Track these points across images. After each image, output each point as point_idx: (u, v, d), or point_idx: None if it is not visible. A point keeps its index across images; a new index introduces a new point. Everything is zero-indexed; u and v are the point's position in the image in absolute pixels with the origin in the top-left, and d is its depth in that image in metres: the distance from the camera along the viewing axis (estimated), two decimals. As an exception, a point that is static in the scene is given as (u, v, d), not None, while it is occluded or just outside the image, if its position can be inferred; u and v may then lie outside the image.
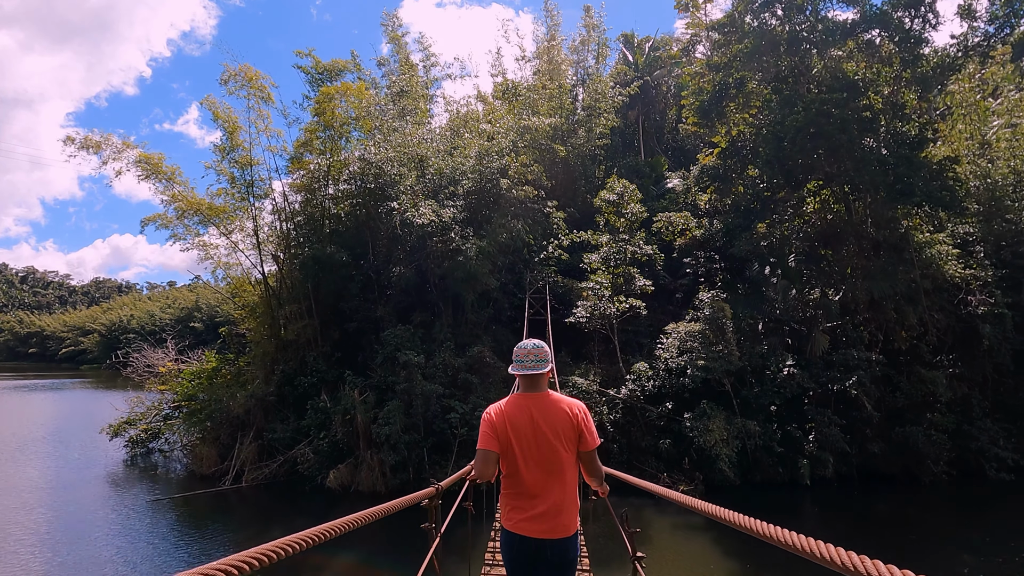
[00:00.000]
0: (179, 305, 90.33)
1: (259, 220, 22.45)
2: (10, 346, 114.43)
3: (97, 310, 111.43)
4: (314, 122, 21.14)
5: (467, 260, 18.67)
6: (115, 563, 12.34)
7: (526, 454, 3.15)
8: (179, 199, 20.62)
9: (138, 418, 22.87)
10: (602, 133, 29.57)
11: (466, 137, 22.56)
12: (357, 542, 13.31)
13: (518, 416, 3.18)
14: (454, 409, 17.61)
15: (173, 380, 23.57)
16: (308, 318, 20.91)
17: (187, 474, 20.12)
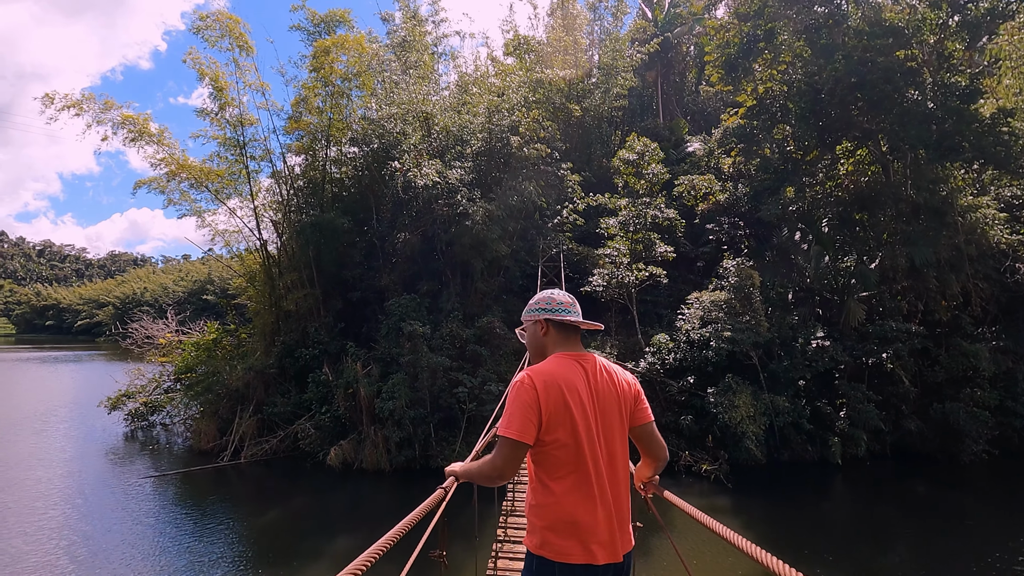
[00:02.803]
0: (192, 278, 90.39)
1: (256, 184, 21.31)
2: (27, 319, 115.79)
3: (112, 283, 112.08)
4: (312, 78, 19.82)
5: (474, 224, 17.47)
6: (108, 541, 11.59)
7: (590, 436, 2.27)
8: (169, 162, 19.45)
9: (137, 391, 22.17)
10: (619, 94, 28.00)
11: (475, 93, 21.14)
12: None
13: (576, 382, 2.30)
14: (462, 383, 16.61)
15: (174, 352, 22.82)
16: (309, 287, 19.90)
17: (187, 449, 19.41)
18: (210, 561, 10.73)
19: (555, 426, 2.22)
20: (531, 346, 2.55)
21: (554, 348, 2.45)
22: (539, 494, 2.29)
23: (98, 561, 10.61)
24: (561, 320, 2.44)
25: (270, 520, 13.55)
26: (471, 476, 2.56)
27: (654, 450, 2.57)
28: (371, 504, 14.43)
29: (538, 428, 2.21)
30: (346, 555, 9.64)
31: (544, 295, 2.53)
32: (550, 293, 2.54)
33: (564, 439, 2.22)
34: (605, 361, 2.47)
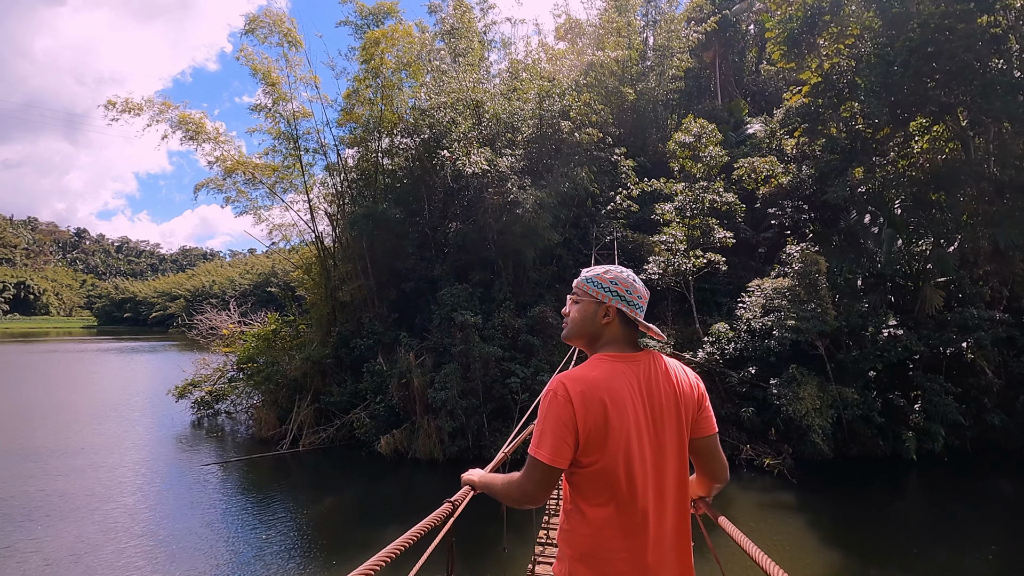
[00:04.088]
0: (256, 271, 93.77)
1: (311, 177, 21.69)
2: (107, 311, 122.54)
3: (183, 277, 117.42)
4: (363, 70, 19.94)
5: (525, 213, 17.20)
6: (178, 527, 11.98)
7: (640, 458, 1.84)
8: (225, 159, 19.98)
9: (203, 380, 22.96)
10: (675, 76, 27.13)
11: (525, 79, 20.80)
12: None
13: (623, 392, 1.84)
14: (514, 373, 16.45)
15: (236, 342, 23.51)
16: (363, 278, 20.09)
17: (249, 437, 19.98)
18: (270, 549, 10.90)
19: (595, 447, 1.82)
20: (579, 326, 2.04)
21: (607, 343, 1.99)
22: (573, 519, 1.92)
23: (169, 549, 10.90)
24: (634, 317, 1.98)
25: (326, 508, 13.73)
26: (493, 492, 2.15)
27: (713, 468, 2.11)
28: (424, 494, 14.45)
29: (574, 449, 1.82)
30: (397, 546, 9.58)
31: (625, 275, 2.03)
32: (632, 277, 2.04)
33: (605, 463, 1.82)
34: (665, 359, 2.02)
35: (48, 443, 18.60)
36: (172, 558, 10.37)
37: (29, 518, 12.07)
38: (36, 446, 18.10)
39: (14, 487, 13.98)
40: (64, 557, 10.14)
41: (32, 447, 17.95)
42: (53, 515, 12.26)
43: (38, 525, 11.67)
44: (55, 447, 18.06)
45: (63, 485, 14.30)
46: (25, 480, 14.55)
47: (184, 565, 10.06)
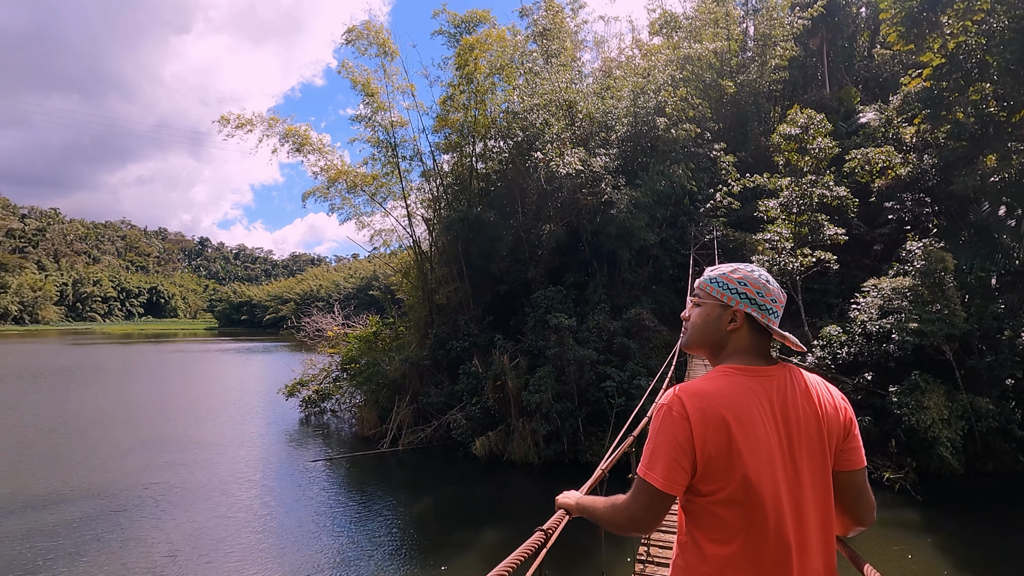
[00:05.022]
0: (359, 275, 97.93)
1: (408, 184, 22.37)
2: (227, 314, 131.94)
3: (293, 281, 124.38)
4: (457, 76, 20.32)
5: (620, 213, 16.84)
6: (288, 521, 12.59)
7: (772, 489, 1.56)
8: (328, 169, 20.97)
9: (310, 379, 24.12)
10: (778, 66, 25.76)
11: (618, 77, 20.42)
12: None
13: (752, 411, 1.58)
14: (610, 377, 16.13)
15: (340, 344, 24.53)
16: (459, 281, 20.42)
17: (352, 435, 20.77)
18: (371, 546, 11.20)
19: (716, 474, 1.56)
20: (701, 332, 1.78)
21: (733, 353, 1.72)
22: (689, 555, 1.67)
23: (280, 542, 11.45)
24: (767, 324, 1.71)
25: (424, 508, 13.98)
26: (594, 517, 1.90)
27: (858, 508, 1.74)
28: (519, 497, 14.43)
29: (690, 474, 1.58)
30: (492, 549, 9.59)
31: (757, 275, 1.74)
32: (765, 277, 1.75)
33: (729, 493, 1.56)
34: (805, 375, 1.73)
35: (175, 437, 20.13)
36: (283, 551, 10.85)
37: (157, 508, 13.03)
38: (165, 439, 19.63)
39: (145, 477, 15.17)
40: (186, 548, 10.84)
41: (161, 440, 19.47)
42: (177, 506, 13.17)
43: (164, 515, 12.56)
44: (181, 441, 19.52)
45: (186, 477, 15.39)
46: (154, 471, 15.76)
47: (294, 558, 10.51)
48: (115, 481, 14.76)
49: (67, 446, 18.79)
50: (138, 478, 15.08)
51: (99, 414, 24.93)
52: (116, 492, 13.96)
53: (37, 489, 14.12)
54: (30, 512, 12.50)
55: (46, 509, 12.69)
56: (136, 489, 14.18)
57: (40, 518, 12.14)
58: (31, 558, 10.13)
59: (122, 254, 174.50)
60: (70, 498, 13.44)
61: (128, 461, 16.78)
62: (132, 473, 15.56)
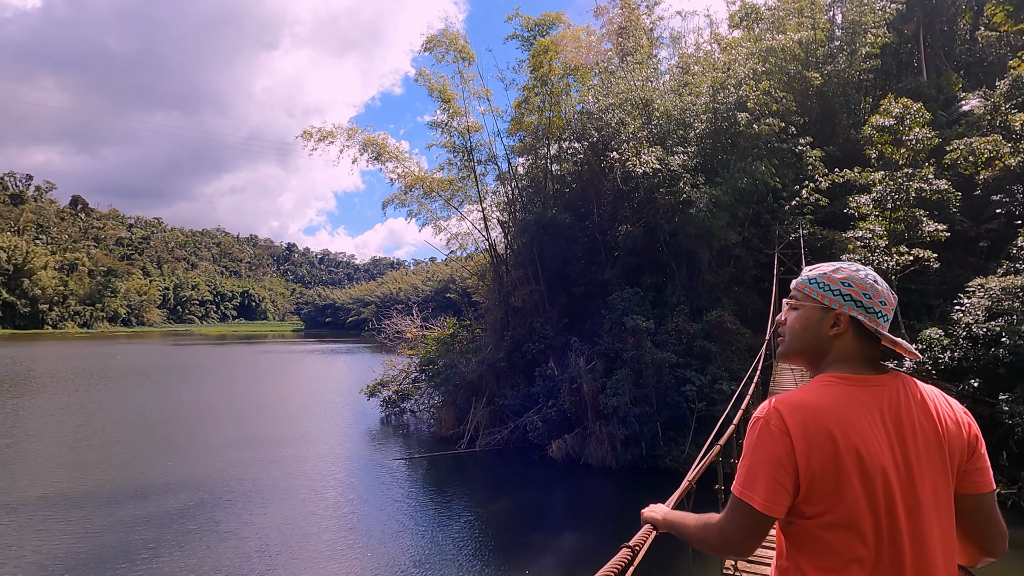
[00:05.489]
0: (437, 278, 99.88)
1: (483, 187, 22.62)
2: (312, 316, 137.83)
3: (374, 284, 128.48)
4: (532, 78, 20.38)
5: (699, 212, 16.36)
6: (362, 515, 12.97)
7: (889, 512, 1.40)
8: (406, 175, 21.51)
9: (390, 380, 24.75)
10: (869, 54, 24.34)
11: (696, 73, 19.87)
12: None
13: (863, 425, 1.43)
14: (690, 380, 15.70)
15: (419, 345, 25.04)
16: (534, 283, 20.44)
17: (431, 435, 21.16)
18: (451, 547, 11.34)
19: (822, 495, 1.41)
20: (799, 338, 1.63)
21: (836, 361, 1.56)
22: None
23: (363, 538, 11.79)
24: (875, 329, 1.54)
25: (501, 509, 14.05)
26: (683, 534, 1.76)
27: (986, 535, 1.54)
28: (596, 501, 14.27)
29: (793, 494, 1.44)
30: (571, 554, 9.49)
31: (863, 275, 1.57)
32: (873, 277, 1.57)
33: (837, 516, 1.41)
34: (921, 387, 1.55)
35: (266, 433, 21.12)
36: (366, 549, 11.12)
37: (249, 502, 13.67)
38: (257, 436, 20.63)
39: (239, 472, 15.97)
40: (275, 542, 11.30)
41: (254, 437, 20.47)
42: (268, 501, 13.76)
43: (255, 509, 13.16)
44: (271, 437, 20.46)
45: (276, 472, 16.09)
46: (247, 467, 16.56)
47: (377, 556, 10.75)
48: (212, 475, 15.61)
49: (169, 441, 20.07)
50: (232, 473, 15.89)
51: (197, 411, 26.52)
52: (212, 485, 14.75)
53: (143, 480, 15.13)
54: (137, 502, 13.40)
55: (151, 500, 13.56)
56: (231, 483, 14.93)
57: (146, 508, 12.99)
58: (139, 546, 10.83)
59: (217, 260, 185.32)
60: (172, 490, 14.32)
61: (224, 456, 17.72)
62: (227, 467, 16.41)
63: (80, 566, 9.90)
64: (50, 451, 18.53)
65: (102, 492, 14.03)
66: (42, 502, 13.17)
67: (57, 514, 12.40)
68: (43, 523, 11.86)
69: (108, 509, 12.85)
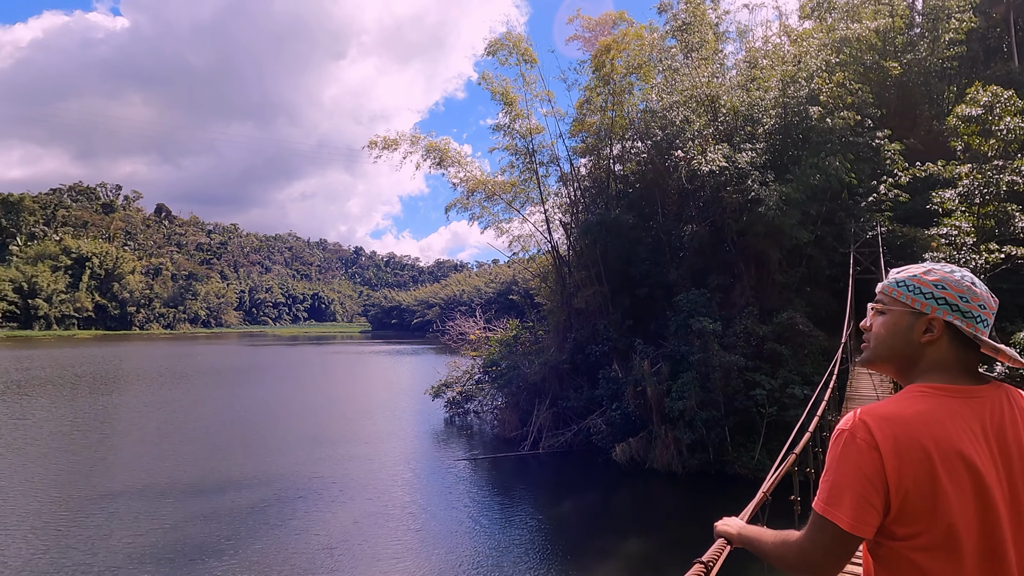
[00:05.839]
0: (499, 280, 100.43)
1: (545, 189, 22.61)
2: (378, 317, 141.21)
3: (437, 287, 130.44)
4: (593, 78, 20.25)
5: (768, 210, 15.81)
6: (426, 515, 13.15)
7: (996, 531, 1.29)
8: (468, 180, 21.75)
9: (454, 381, 25.04)
10: (953, 40, 22.95)
11: (765, 67, 19.22)
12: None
13: (960, 439, 1.31)
14: (759, 384, 15.20)
15: (482, 347, 25.24)
16: (597, 285, 20.26)
17: (494, 436, 21.29)
18: (514, 548, 11.36)
19: (916, 515, 1.30)
20: (886, 345, 1.52)
21: (930, 370, 1.44)
22: None
23: (427, 537, 12.00)
24: (974, 335, 1.41)
25: (565, 512, 13.98)
26: (760, 552, 1.65)
27: None
28: (661, 507, 14.01)
29: (882, 513, 1.32)
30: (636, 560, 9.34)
31: (958, 276, 1.44)
32: (970, 279, 1.45)
33: (933, 539, 1.30)
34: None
35: (335, 432, 21.76)
36: (430, 549, 11.27)
37: (318, 499, 14.06)
38: (326, 434, 21.28)
39: (308, 469, 16.50)
40: (342, 540, 11.56)
41: (323, 435, 21.12)
42: (335, 499, 14.11)
43: (323, 507, 13.52)
44: (339, 436, 21.05)
45: (344, 470, 16.53)
46: (316, 464, 17.09)
47: (441, 557, 10.86)
48: (283, 472, 16.17)
49: (243, 438, 20.96)
50: (302, 469, 16.42)
51: (271, 409, 27.60)
52: (285, 481, 15.29)
53: (221, 475, 15.84)
54: (215, 496, 14.03)
55: (227, 494, 14.18)
56: (300, 480, 15.42)
57: (223, 502, 13.58)
58: (218, 539, 11.33)
59: (289, 264, 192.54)
60: (247, 485, 14.93)
61: (295, 453, 18.35)
62: (298, 464, 16.98)
63: (164, 556, 10.45)
64: (137, 446, 19.69)
65: (183, 485, 14.77)
66: (131, 494, 13.97)
67: (144, 505, 13.12)
68: (132, 514, 12.57)
69: (189, 502, 13.50)
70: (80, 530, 11.53)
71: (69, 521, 11.99)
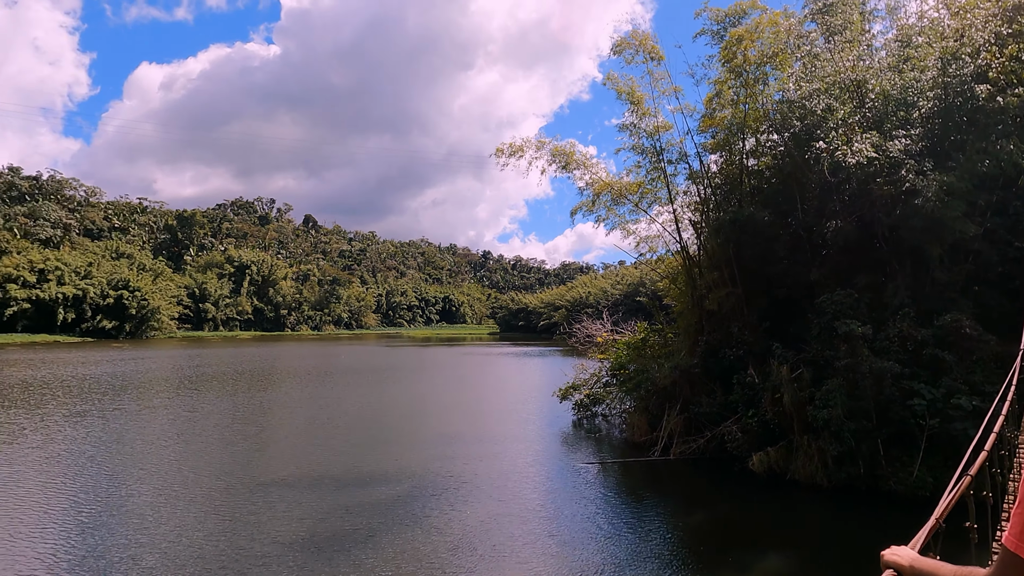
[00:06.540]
0: (626, 281, 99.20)
1: (674, 188, 22.02)
2: (506, 319, 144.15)
3: (563, 289, 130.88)
4: (723, 71, 19.43)
5: (926, 202, 14.33)
6: (553, 518, 13.20)
7: None
8: (593, 183, 21.63)
9: (581, 384, 25.01)
10: None
11: (920, 45, 17.44)
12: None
13: None
14: (918, 393, 13.82)
15: (609, 350, 25.01)
16: (730, 286, 19.38)
17: (622, 440, 21.03)
18: (645, 556, 11.12)
19: None
20: None
21: None
22: None
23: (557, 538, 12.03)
24: None
25: (698, 522, 13.51)
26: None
27: None
28: (804, 522, 13.16)
29: None
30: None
31: None
32: None
33: None
34: None
35: (465, 430, 22.49)
36: (557, 554, 11.22)
37: (447, 497, 14.47)
38: (457, 433, 22.04)
39: (439, 467, 17.13)
40: (477, 539, 11.83)
41: (454, 433, 21.89)
42: (463, 498, 14.43)
43: (451, 505, 13.85)
44: (470, 434, 21.73)
45: (472, 469, 16.99)
46: (446, 462, 17.71)
47: (568, 562, 10.81)
48: (415, 469, 16.88)
49: (381, 434, 22.21)
50: (437, 466, 17.09)
51: (407, 407, 29.05)
52: (420, 477, 15.98)
53: (362, 469, 16.87)
54: (357, 488, 14.93)
55: (368, 487, 15.04)
56: (431, 477, 16.01)
57: (363, 495, 14.41)
58: (359, 530, 12.04)
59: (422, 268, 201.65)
60: (385, 479, 15.76)
61: (429, 450, 19.16)
62: (432, 461, 17.70)
63: (313, 544, 11.27)
64: (289, 439, 21.46)
65: (330, 478, 15.86)
66: (284, 484, 15.23)
67: (296, 495, 14.25)
68: (285, 502, 13.69)
69: (334, 493, 14.47)
70: (241, 516, 12.70)
71: (232, 507, 13.25)
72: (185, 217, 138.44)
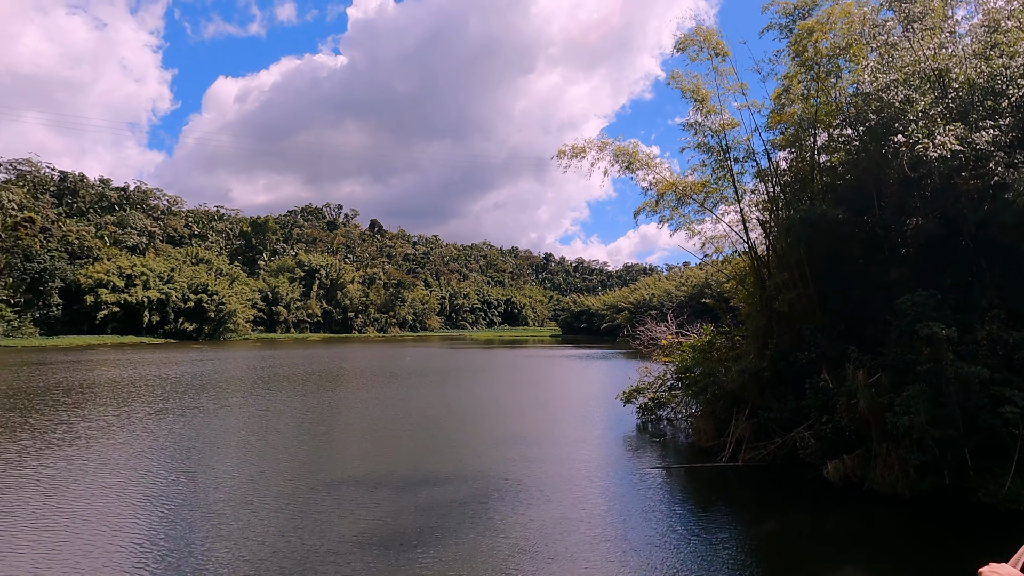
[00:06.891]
0: (691, 283, 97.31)
1: (741, 187, 21.43)
2: (568, 321, 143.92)
3: (626, 291, 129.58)
4: (794, 64, 18.78)
5: (1017, 196, 13.43)
6: (617, 524, 13.03)
7: None
8: (657, 183, 21.29)
9: (646, 387, 24.66)
10: None
11: (1010, 29, 16.37)
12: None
13: None
14: (1011, 400, 12.95)
15: (674, 352, 24.56)
16: (801, 287, 18.70)
17: (688, 445, 20.59)
18: (713, 563, 10.78)
19: None
20: None
21: None
22: None
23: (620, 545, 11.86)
24: None
25: (769, 531, 13.08)
26: None
27: None
28: (885, 534, 12.51)
29: None
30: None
31: None
32: None
33: None
34: None
35: (528, 433, 22.53)
36: (628, 558, 11.04)
37: (509, 501, 14.44)
38: (520, 435, 22.10)
39: (502, 469, 17.17)
40: (539, 543, 11.70)
41: (518, 435, 21.96)
42: (525, 502, 14.31)
43: (513, 509, 13.75)
44: (532, 437, 21.75)
45: (536, 472, 16.95)
46: (510, 464, 17.74)
47: (639, 567, 10.64)
48: (479, 471, 16.97)
49: (446, 434, 22.50)
50: (496, 469, 17.16)
51: (470, 408, 29.36)
52: (483, 479, 16.06)
53: (427, 470, 17.11)
54: (422, 489, 15.11)
55: (433, 488, 15.21)
56: (494, 480, 16.05)
57: (428, 496, 14.56)
58: (424, 531, 12.14)
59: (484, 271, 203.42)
60: (449, 480, 15.92)
61: (490, 453, 19.28)
62: (492, 464, 17.79)
63: (381, 543, 11.47)
64: (356, 439, 22.03)
65: (396, 478, 16.16)
66: (352, 483, 15.60)
67: (363, 495, 14.57)
68: (353, 502, 14.01)
69: (399, 493, 14.70)
70: (311, 513, 13.04)
71: (303, 505, 13.64)
72: (258, 224, 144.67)
